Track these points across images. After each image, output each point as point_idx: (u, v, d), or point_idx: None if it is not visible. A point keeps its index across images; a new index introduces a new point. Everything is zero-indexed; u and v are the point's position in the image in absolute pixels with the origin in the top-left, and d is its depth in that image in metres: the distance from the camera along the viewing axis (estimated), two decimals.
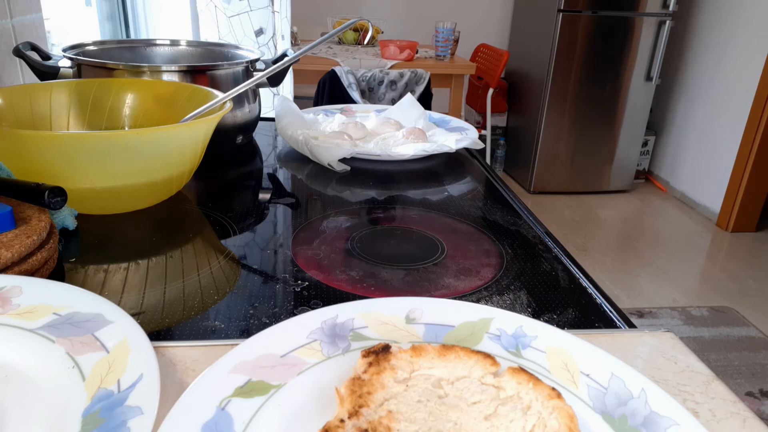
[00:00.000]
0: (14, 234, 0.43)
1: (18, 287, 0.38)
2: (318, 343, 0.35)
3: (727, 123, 2.81)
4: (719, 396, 0.35)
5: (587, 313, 0.46)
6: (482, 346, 0.35)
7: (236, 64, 0.80)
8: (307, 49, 0.69)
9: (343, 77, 2.18)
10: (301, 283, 0.48)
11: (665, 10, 2.83)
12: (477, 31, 3.35)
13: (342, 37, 2.90)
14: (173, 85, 0.71)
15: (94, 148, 0.52)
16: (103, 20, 1.75)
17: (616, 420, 0.30)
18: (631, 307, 2.12)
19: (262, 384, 0.31)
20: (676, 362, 0.38)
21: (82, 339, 0.34)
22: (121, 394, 0.29)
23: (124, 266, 0.49)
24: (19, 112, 0.64)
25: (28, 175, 0.49)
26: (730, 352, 1.89)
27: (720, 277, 2.39)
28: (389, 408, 0.29)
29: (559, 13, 2.81)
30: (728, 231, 2.79)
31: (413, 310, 0.38)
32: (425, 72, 2.27)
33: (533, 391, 0.30)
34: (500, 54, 2.88)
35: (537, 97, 3.06)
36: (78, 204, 0.55)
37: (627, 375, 0.33)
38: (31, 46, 0.76)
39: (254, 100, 0.84)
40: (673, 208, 3.06)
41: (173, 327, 0.41)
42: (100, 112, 0.70)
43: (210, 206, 0.63)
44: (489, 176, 0.79)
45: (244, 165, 0.79)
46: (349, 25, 0.70)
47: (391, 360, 0.32)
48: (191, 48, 0.93)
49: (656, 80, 2.96)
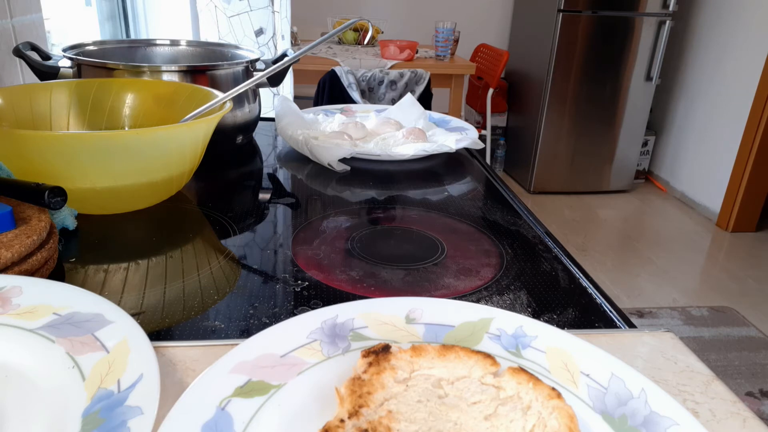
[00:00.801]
0: (14, 234, 0.43)
1: (18, 287, 0.38)
2: (318, 343, 0.35)
3: (727, 123, 2.82)
4: (719, 396, 0.35)
5: (587, 313, 0.46)
6: (482, 346, 0.35)
7: (236, 64, 0.80)
8: (307, 49, 0.69)
9: (343, 77, 2.18)
10: (301, 283, 0.48)
11: (665, 10, 2.83)
12: (477, 31, 3.35)
13: (342, 37, 2.90)
14: (173, 85, 0.71)
15: (94, 148, 0.52)
16: (103, 20, 1.75)
17: (616, 420, 0.30)
18: (631, 307, 2.12)
19: (262, 384, 0.31)
20: (676, 362, 0.38)
21: (82, 339, 0.34)
22: (121, 394, 0.29)
23: (124, 266, 0.49)
24: (19, 112, 0.64)
25: (28, 175, 0.49)
26: (730, 352, 1.89)
27: (720, 277, 2.39)
28: (389, 408, 0.29)
29: (559, 13, 2.81)
30: (728, 231, 2.79)
31: (413, 310, 0.38)
32: (425, 72, 2.27)
33: (533, 391, 0.30)
34: (500, 54, 2.88)
35: (537, 97, 3.06)
36: (78, 204, 0.55)
37: (627, 375, 0.33)
38: (31, 46, 0.76)
39: (254, 100, 0.84)
40: (673, 208, 3.06)
41: (173, 327, 0.41)
42: (100, 112, 0.70)
43: (210, 206, 0.63)
44: (489, 176, 0.79)
45: (244, 165, 0.79)
46: (349, 25, 0.70)
47: (391, 360, 0.32)
48: (191, 48, 0.93)
49: (656, 80, 2.96)
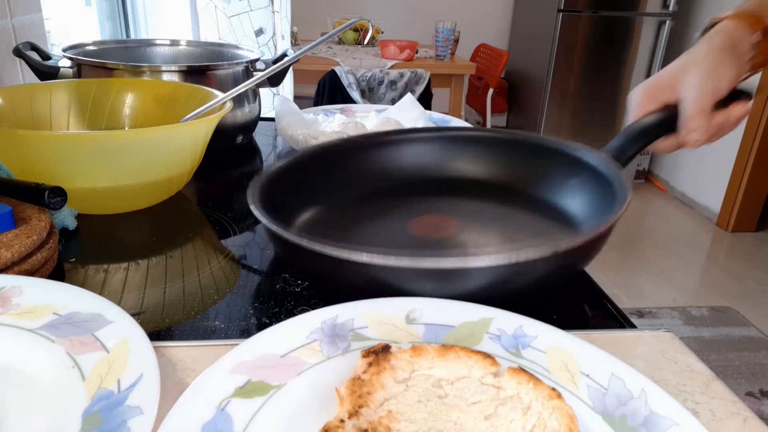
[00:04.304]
0: (14, 234, 0.43)
1: (18, 287, 0.38)
2: (318, 343, 0.35)
3: None
4: (719, 396, 0.35)
5: (587, 313, 0.46)
6: (482, 346, 0.35)
7: (236, 64, 0.80)
8: (307, 49, 0.69)
9: (343, 77, 2.18)
10: (301, 283, 0.48)
11: (665, 10, 2.83)
12: (477, 31, 3.35)
13: (342, 37, 2.90)
14: (173, 85, 0.71)
15: (94, 148, 0.52)
16: (103, 20, 1.75)
17: (616, 420, 0.30)
18: (631, 307, 2.12)
19: (262, 384, 0.31)
20: (676, 362, 0.38)
21: (82, 339, 0.34)
22: (121, 394, 0.29)
23: (124, 266, 0.49)
24: (19, 112, 0.64)
25: (28, 175, 0.49)
26: (730, 352, 1.89)
27: (720, 277, 2.39)
28: (389, 408, 0.29)
29: (559, 13, 2.81)
30: (728, 231, 2.79)
31: (413, 310, 0.38)
32: (425, 72, 2.27)
33: (533, 391, 0.30)
34: (500, 54, 2.88)
35: (537, 97, 3.06)
36: (78, 204, 0.55)
37: (627, 375, 0.33)
38: (31, 46, 0.76)
39: (254, 100, 0.84)
40: (673, 208, 3.06)
41: (173, 327, 0.41)
42: (100, 112, 0.70)
43: (210, 206, 0.63)
44: None
45: (244, 165, 0.79)
46: (349, 25, 0.70)
47: (391, 360, 0.32)
48: (191, 48, 0.93)
49: None
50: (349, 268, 0.39)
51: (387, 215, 0.56)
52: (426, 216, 0.54)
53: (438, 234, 0.51)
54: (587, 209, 0.52)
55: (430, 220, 0.53)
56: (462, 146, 0.61)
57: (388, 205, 0.58)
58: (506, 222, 0.53)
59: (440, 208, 0.56)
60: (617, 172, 0.49)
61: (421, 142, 0.62)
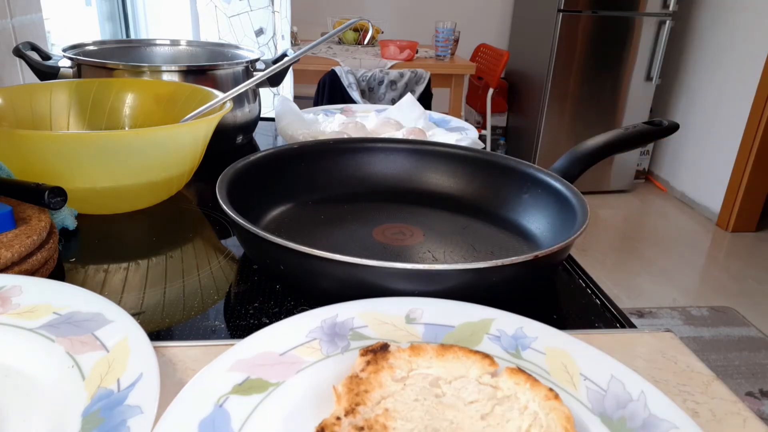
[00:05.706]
0: (14, 234, 0.43)
1: (18, 287, 0.38)
2: (317, 341, 0.35)
3: (727, 123, 2.81)
4: (719, 396, 0.35)
5: (587, 313, 0.46)
6: (482, 347, 0.35)
7: (236, 64, 0.80)
8: (307, 49, 0.69)
9: (343, 77, 2.18)
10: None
11: (665, 10, 2.83)
12: (477, 31, 3.35)
13: (342, 37, 2.90)
14: (173, 85, 0.71)
15: (94, 148, 0.52)
16: (103, 20, 1.75)
17: (615, 422, 0.30)
18: (631, 307, 2.12)
19: (261, 382, 0.31)
20: (676, 362, 0.38)
21: (82, 338, 0.34)
22: (121, 394, 0.29)
23: (124, 266, 0.49)
24: (19, 112, 0.64)
25: (28, 175, 0.49)
26: (730, 352, 1.89)
27: (720, 277, 2.39)
28: (386, 406, 0.29)
29: (559, 13, 2.81)
30: (728, 231, 2.79)
31: (413, 310, 0.38)
32: (425, 72, 2.27)
33: (530, 391, 0.30)
34: (500, 54, 2.88)
35: (537, 97, 3.06)
36: (78, 204, 0.55)
37: (626, 377, 0.33)
38: (31, 46, 0.77)
39: (254, 100, 0.84)
40: (673, 208, 3.06)
41: (173, 327, 0.42)
42: (100, 112, 0.70)
43: (210, 206, 0.64)
44: None
45: None
46: (349, 25, 0.70)
47: (389, 359, 0.32)
48: (191, 48, 0.93)
49: (656, 80, 2.96)
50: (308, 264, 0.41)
51: (353, 220, 0.58)
52: (390, 224, 0.57)
53: (400, 242, 0.54)
54: (542, 224, 0.56)
55: (394, 228, 0.56)
56: (431, 160, 0.65)
57: (355, 209, 0.60)
58: (466, 234, 0.56)
59: (405, 217, 0.59)
60: (566, 184, 0.55)
61: (392, 152, 0.65)
